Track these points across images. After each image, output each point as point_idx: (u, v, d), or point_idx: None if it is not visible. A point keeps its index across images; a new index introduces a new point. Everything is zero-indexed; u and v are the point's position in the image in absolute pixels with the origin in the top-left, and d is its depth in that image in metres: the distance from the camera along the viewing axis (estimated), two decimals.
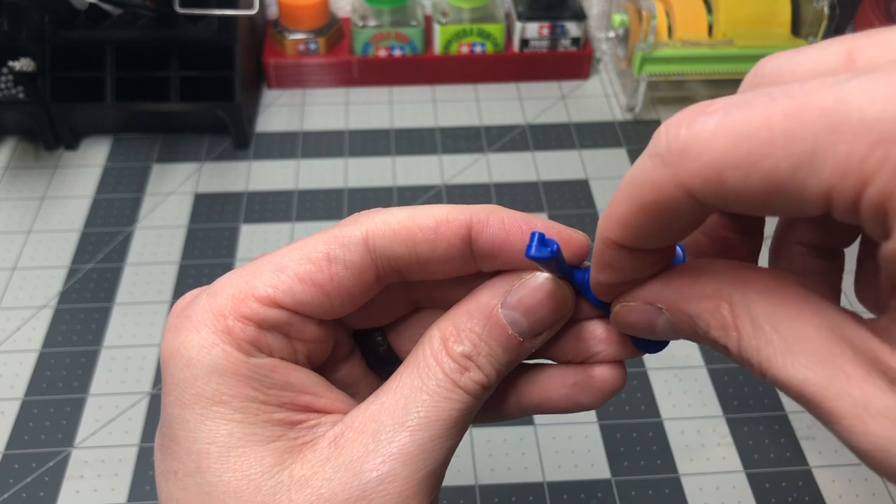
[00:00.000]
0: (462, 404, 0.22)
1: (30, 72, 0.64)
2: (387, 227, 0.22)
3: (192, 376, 0.21)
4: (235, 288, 0.22)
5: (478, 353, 0.22)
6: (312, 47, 0.74)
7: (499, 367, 0.22)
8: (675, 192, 0.17)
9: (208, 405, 0.21)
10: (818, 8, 0.68)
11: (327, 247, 0.22)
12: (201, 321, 0.22)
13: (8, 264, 0.59)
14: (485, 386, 0.22)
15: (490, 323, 0.22)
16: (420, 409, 0.21)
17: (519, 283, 0.23)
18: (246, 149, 0.69)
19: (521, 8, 0.74)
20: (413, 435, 0.21)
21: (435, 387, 0.22)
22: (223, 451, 0.21)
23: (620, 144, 0.71)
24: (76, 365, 0.53)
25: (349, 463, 0.21)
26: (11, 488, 0.47)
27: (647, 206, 0.17)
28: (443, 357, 0.22)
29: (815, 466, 0.49)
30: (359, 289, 0.23)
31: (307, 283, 0.22)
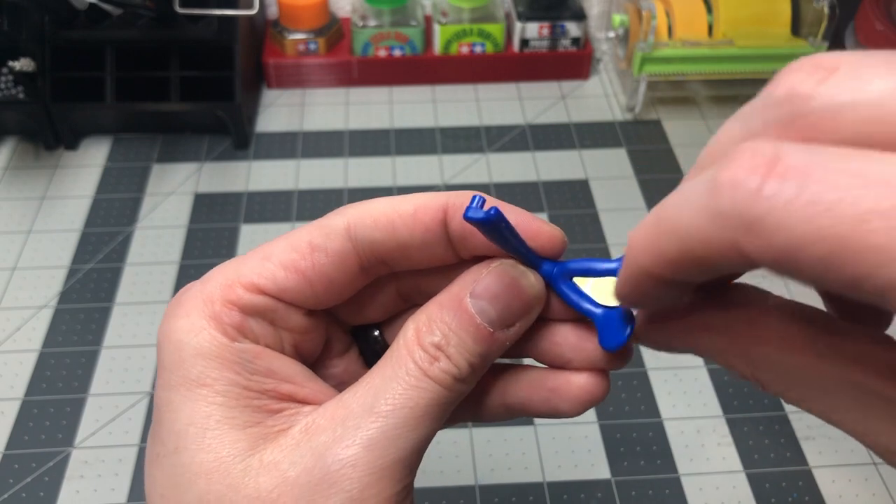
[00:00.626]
0: (431, 394, 0.22)
1: (30, 72, 0.64)
2: (367, 215, 0.23)
3: (179, 359, 0.22)
4: (224, 276, 0.23)
5: (447, 343, 0.22)
6: (312, 47, 0.74)
7: (470, 358, 0.22)
8: (731, 255, 0.15)
9: (192, 387, 0.22)
10: (818, 8, 0.68)
11: (310, 235, 0.23)
12: (191, 306, 0.23)
13: (8, 264, 0.59)
14: (456, 377, 0.22)
15: (459, 313, 0.22)
16: (388, 396, 0.21)
17: (486, 272, 0.23)
18: (246, 149, 0.69)
19: (521, 8, 0.74)
20: (378, 422, 0.21)
21: (404, 375, 0.22)
22: (200, 431, 0.21)
23: (620, 144, 0.71)
24: (76, 365, 0.53)
25: (315, 447, 0.21)
26: (11, 488, 0.47)
27: (696, 258, 0.16)
28: (414, 347, 0.22)
29: (815, 466, 0.49)
30: (341, 277, 0.23)
31: (290, 270, 0.23)
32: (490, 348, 0.23)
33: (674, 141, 0.71)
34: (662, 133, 0.72)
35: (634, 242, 0.18)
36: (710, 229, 0.15)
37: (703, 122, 0.74)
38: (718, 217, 0.15)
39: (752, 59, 0.70)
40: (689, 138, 0.72)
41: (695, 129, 0.73)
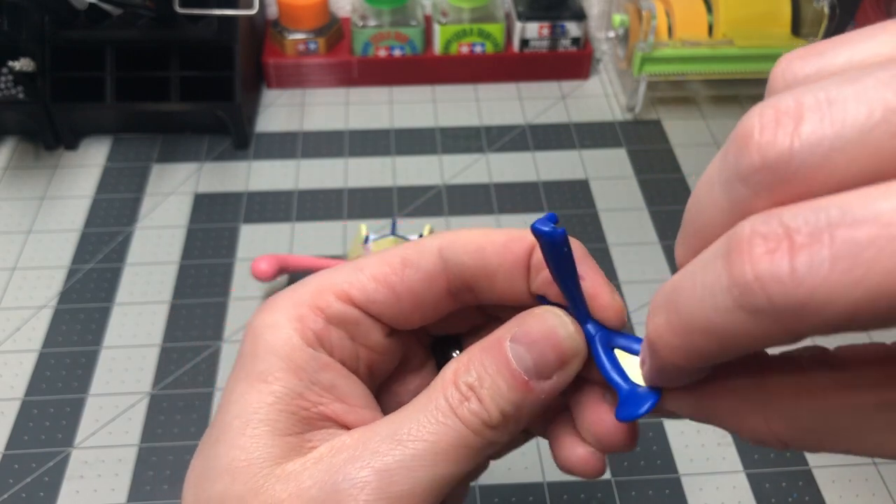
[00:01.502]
0: (456, 433, 0.21)
1: (30, 72, 0.64)
2: (460, 240, 0.24)
3: (253, 352, 0.23)
4: (318, 281, 0.24)
5: (480, 385, 0.21)
6: (312, 47, 0.74)
7: (502, 404, 0.21)
8: (786, 338, 0.15)
9: (254, 381, 0.22)
10: (818, 8, 0.68)
11: (404, 252, 0.24)
12: (280, 305, 0.23)
13: (8, 264, 0.59)
14: (485, 422, 0.21)
15: (497, 355, 0.22)
16: (412, 426, 0.21)
17: (529, 318, 0.22)
18: (246, 149, 0.69)
19: (521, 8, 0.74)
20: (396, 449, 0.21)
21: (433, 409, 0.21)
22: (241, 427, 0.22)
23: (620, 144, 0.71)
24: (76, 365, 0.53)
25: (333, 464, 0.21)
26: (11, 488, 0.47)
27: (739, 348, 0.16)
28: (448, 384, 0.22)
29: (815, 466, 0.49)
30: (429, 296, 0.24)
31: (381, 282, 0.23)
32: (524, 398, 0.22)
33: (674, 141, 0.71)
34: (662, 133, 0.72)
35: (661, 343, 0.18)
36: (754, 326, 0.15)
37: (703, 121, 0.74)
38: (760, 313, 0.14)
39: (753, 59, 0.70)
40: (689, 138, 0.72)
41: (695, 129, 0.73)
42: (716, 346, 0.16)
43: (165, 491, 0.47)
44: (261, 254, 0.60)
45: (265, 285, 0.58)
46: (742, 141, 0.15)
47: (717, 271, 0.15)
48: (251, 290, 0.58)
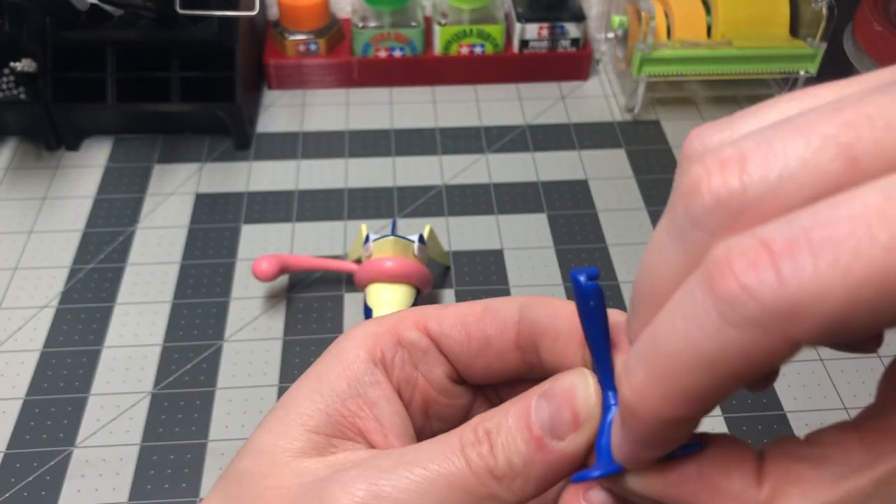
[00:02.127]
0: (456, 473, 0.20)
1: (31, 72, 0.64)
2: (540, 301, 0.24)
3: (324, 356, 0.24)
4: (409, 311, 0.25)
5: (497, 433, 0.21)
6: (313, 48, 0.74)
7: (511, 455, 0.21)
8: (782, 349, 0.15)
9: (310, 378, 0.24)
10: (817, 9, 0.68)
11: (489, 301, 0.25)
12: (368, 324, 0.25)
13: (9, 264, 0.59)
14: (491, 468, 0.21)
15: (520, 407, 0.22)
16: (418, 454, 0.21)
17: (560, 374, 0.22)
18: (246, 149, 0.70)
19: (521, 9, 0.75)
20: (394, 472, 0.21)
21: (444, 445, 0.21)
22: (280, 415, 0.23)
23: (620, 145, 0.71)
24: (77, 364, 0.53)
25: (336, 469, 0.21)
26: (13, 487, 0.47)
27: (733, 376, 0.15)
28: (467, 426, 0.22)
29: None
30: (498, 343, 0.24)
31: (458, 321, 0.25)
32: (535, 454, 0.21)
33: (673, 141, 0.72)
34: (661, 133, 0.72)
35: (642, 400, 0.17)
36: (747, 340, 0.14)
37: (702, 122, 0.74)
38: (752, 325, 0.14)
39: (751, 60, 0.70)
40: None
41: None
42: (707, 378, 0.15)
43: (167, 490, 0.47)
44: (262, 254, 0.60)
45: (266, 285, 0.58)
46: (691, 190, 0.16)
47: (698, 298, 0.15)
48: (252, 290, 0.58)
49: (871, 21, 0.64)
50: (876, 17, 0.64)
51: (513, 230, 0.63)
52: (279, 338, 0.55)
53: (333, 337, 0.54)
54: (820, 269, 0.14)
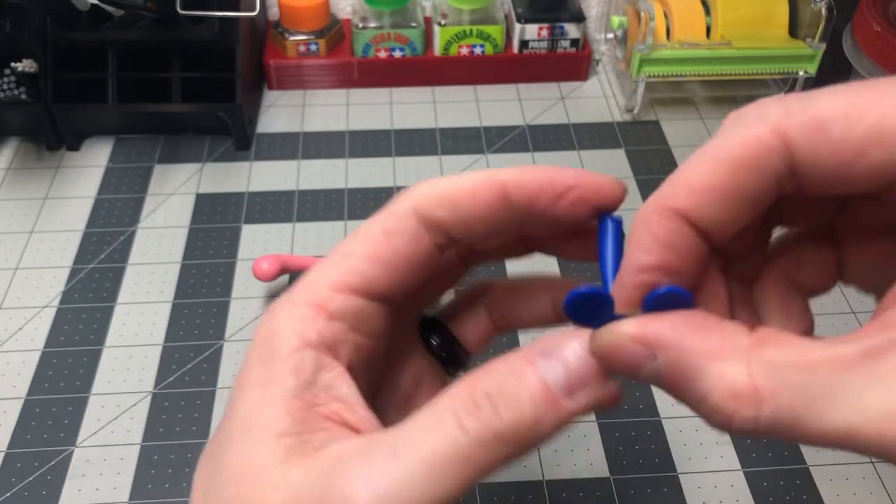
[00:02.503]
0: (458, 448, 0.20)
1: (32, 73, 0.64)
2: (431, 194, 0.24)
3: (258, 357, 0.23)
4: (313, 279, 0.24)
5: (499, 394, 0.20)
6: (313, 48, 0.74)
7: (520, 414, 0.20)
8: (773, 142, 0.19)
9: (256, 386, 0.22)
10: (816, 9, 0.68)
11: (382, 224, 0.24)
12: (281, 310, 0.23)
13: (10, 264, 0.60)
14: (496, 433, 0.20)
15: (524, 365, 0.21)
16: (411, 440, 0.20)
17: (563, 337, 0.21)
18: (247, 149, 0.70)
19: (521, 9, 0.75)
20: (394, 467, 0.20)
21: (436, 422, 0.20)
22: (243, 432, 0.22)
23: (619, 145, 0.71)
24: (78, 364, 0.53)
25: (329, 473, 0.21)
26: (14, 487, 0.47)
27: (737, 163, 0.19)
28: (459, 394, 0.21)
29: (812, 465, 0.49)
30: (419, 257, 0.24)
31: (372, 260, 0.23)
32: (546, 413, 0.20)
33: (672, 142, 0.72)
34: (661, 134, 0.73)
35: (662, 192, 0.21)
36: (749, 129, 0.20)
37: (701, 122, 0.74)
38: (755, 118, 0.20)
39: (750, 61, 0.71)
40: (687, 139, 0.72)
41: (693, 130, 0.73)
42: (711, 168, 0.20)
43: (167, 490, 0.47)
44: (262, 254, 0.60)
45: (266, 285, 0.58)
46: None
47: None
48: (253, 290, 0.58)
49: (870, 21, 0.64)
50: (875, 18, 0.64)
51: None
52: None
53: None
54: (822, 98, 0.20)
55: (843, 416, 0.17)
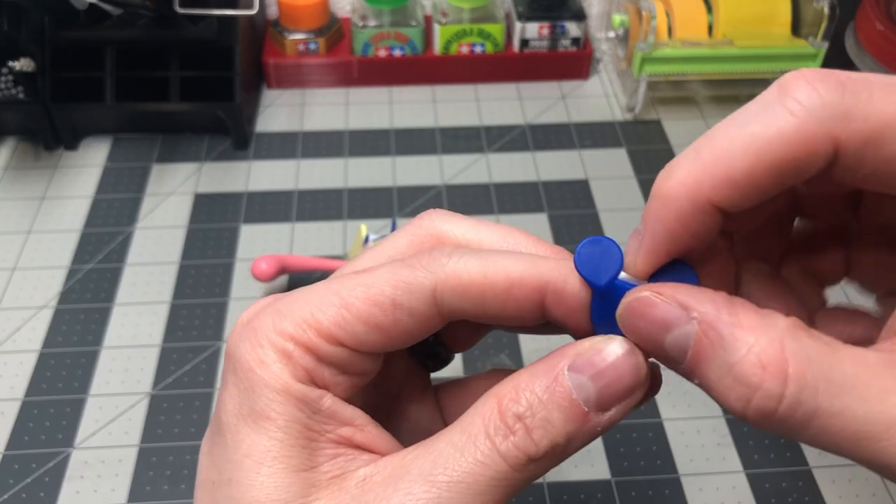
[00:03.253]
0: (496, 472, 0.20)
1: (30, 72, 0.64)
2: (457, 282, 0.22)
3: (250, 387, 0.22)
4: (300, 315, 0.22)
5: (532, 415, 0.20)
6: (312, 47, 0.74)
7: (554, 437, 0.20)
8: (823, 147, 0.18)
9: (257, 418, 0.21)
10: (818, 8, 0.68)
11: (394, 291, 0.22)
12: (264, 338, 0.22)
13: (8, 264, 0.59)
14: (531, 457, 0.20)
15: (553, 384, 0.20)
16: (448, 466, 0.20)
17: (590, 346, 0.21)
18: (246, 149, 0.69)
19: (521, 8, 0.74)
20: (431, 492, 0.20)
21: (471, 447, 0.20)
22: (255, 466, 0.21)
23: (620, 144, 0.71)
24: (76, 365, 0.53)
25: (363, 501, 0.20)
26: (11, 489, 0.47)
27: (781, 162, 0.18)
28: (492, 416, 0.20)
29: (814, 467, 0.49)
30: (422, 332, 0.23)
31: (370, 325, 0.22)
32: (579, 430, 0.20)
33: (674, 141, 0.71)
34: (662, 133, 0.72)
35: (685, 180, 0.20)
36: (801, 126, 0.18)
37: (703, 122, 0.74)
38: (808, 112, 0.18)
39: (752, 59, 0.70)
40: (689, 138, 0.72)
41: (695, 130, 0.73)
42: (752, 162, 0.19)
43: (165, 491, 0.47)
44: (261, 254, 0.60)
45: (265, 285, 0.58)
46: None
47: (768, 97, 0.20)
48: (251, 290, 0.58)
49: (872, 20, 0.64)
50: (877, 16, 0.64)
51: None
52: None
53: None
54: (881, 90, 0.18)
55: (864, 415, 0.17)
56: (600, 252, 0.21)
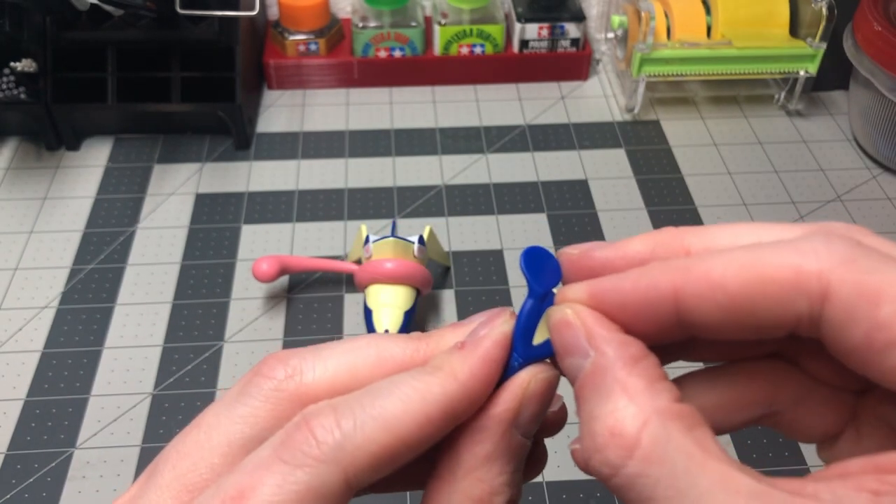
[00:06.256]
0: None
1: (31, 72, 0.64)
2: (365, 457, 0.19)
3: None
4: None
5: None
6: (313, 48, 0.74)
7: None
8: (812, 283, 0.17)
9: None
10: (816, 9, 0.68)
11: (303, 484, 0.18)
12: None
13: (10, 265, 0.60)
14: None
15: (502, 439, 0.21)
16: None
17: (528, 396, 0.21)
18: (247, 149, 0.70)
19: (521, 9, 0.75)
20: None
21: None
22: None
23: (619, 145, 0.71)
24: (78, 365, 0.53)
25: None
26: (14, 489, 0.47)
27: (765, 292, 0.18)
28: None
29: (812, 466, 0.49)
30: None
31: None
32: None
33: (673, 141, 0.72)
34: (661, 133, 0.73)
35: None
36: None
37: (701, 122, 0.74)
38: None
39: (751, 60, 0.70)
40: (687, 138, 0.72)
41: (694, 130, 0.73)
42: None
43: None
44: (262, 254, 0.60)
45: (266, 286, 0.58)
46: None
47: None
48: (252, 290, 0.58)
49: (870, 21, 0.64)
50: (875, 17, 0.64)
51: (513, 230, 0.63)
52: (279, 338, 0.55)
53: (334, 337, 0.55)
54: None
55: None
56: (542, 261, 0.22)
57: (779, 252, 0.18)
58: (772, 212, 0.65)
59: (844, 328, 0.17)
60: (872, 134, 0.69)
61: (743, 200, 0.66)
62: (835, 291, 0.17)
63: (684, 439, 0.17)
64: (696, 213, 0.65)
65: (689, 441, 0.17)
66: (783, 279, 0.17)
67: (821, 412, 0.21)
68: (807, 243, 0.18)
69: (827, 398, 0.21)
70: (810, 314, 0.17)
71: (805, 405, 0.21)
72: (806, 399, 0.21)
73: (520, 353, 0.21)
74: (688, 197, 0.66)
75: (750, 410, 0.21)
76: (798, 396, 0.21)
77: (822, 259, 0.17)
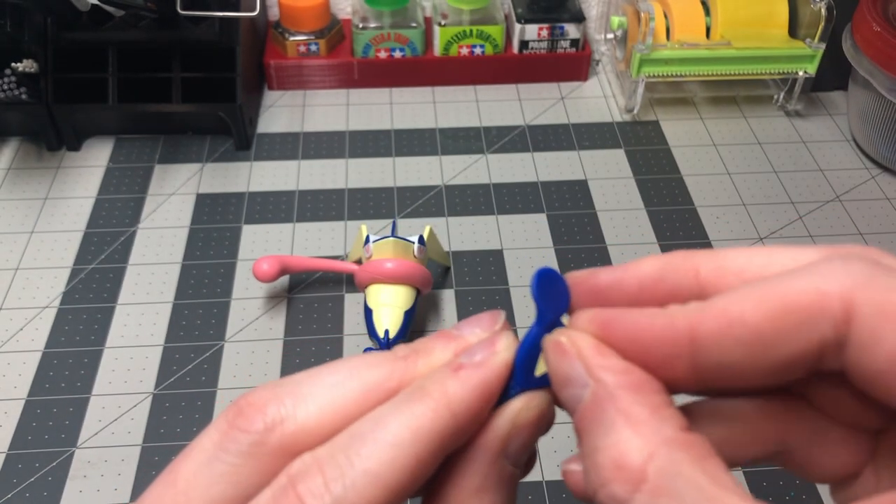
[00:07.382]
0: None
1: (32, 73, 0.64)
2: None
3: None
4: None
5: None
6: (313, 49, 0.74)
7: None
8: (834, 305, 0.17)
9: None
10: (815, 9, 0.68)
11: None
12: None
13: (11, 264, 0.60)
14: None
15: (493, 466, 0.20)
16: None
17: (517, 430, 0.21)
18: (247, 149, 0.70)
19: (521, 10, 0.75)
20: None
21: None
22: None
23: (619, 145, 0.71)
24: (79, 365, 0.53)
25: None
26: (15, 488, 0.47)
27: (785, 322, 0.17)
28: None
29: None
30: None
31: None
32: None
33: (672, 142, 0.72)
34: (661, 134, 0.73)
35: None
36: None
37: (700, 122, 0.74)
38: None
39: (750, 61, 0.71)
40: (687, 139, 0.72)
41: (693, 130, 0.73)
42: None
43: None
44: (262, 254, 0.60)
45: (267, 286, 0.58)
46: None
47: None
48: (253, 290, 0.58)
49: (869, 21, 0.64)
50: (874, 18, 0.64)
51: (513, 230, 0.63)
52: (280, 338, 0.55)
53: (334, 337, 0.55)
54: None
55: None
56: (554, 285, 0.21)
57: (798, 277, 0.17)
58: (771, 212, 0.65)
59: (868, 350, 0.16)
60: (871, 134, 0.69)
61: (742, 200, 0.66)
62: (858, 312, 0.16)
63: (694, 471, 0.16)
64: (696, 213, 0.65)
65: (700, 473, 0.16)
66: (805, 304, 0.17)
67: (836, 452, 0.20)
68: (826, 266, 0.17)
69: (843, 438, 0.20)
70: (836, 339, 0.17)
71: (819, 444, 0.20)
72: (820, 438, 0.20)
73: (519, 383, 0.20)
74: (687, 197, 0.66)
75: (759, 447, 0.20)
76: (812, 435, 0.20)
77: (843, 280, 0.17)
